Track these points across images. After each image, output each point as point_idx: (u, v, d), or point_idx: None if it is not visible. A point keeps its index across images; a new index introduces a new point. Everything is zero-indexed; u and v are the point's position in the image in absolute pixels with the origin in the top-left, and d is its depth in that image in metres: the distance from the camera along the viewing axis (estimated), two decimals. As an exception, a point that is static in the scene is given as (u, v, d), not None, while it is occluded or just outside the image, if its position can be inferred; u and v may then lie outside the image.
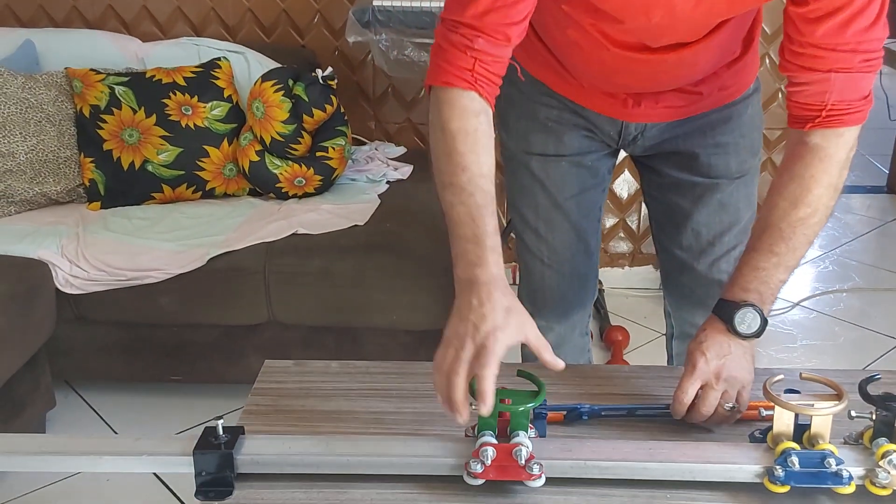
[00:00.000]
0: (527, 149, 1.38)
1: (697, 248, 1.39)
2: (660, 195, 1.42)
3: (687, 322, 1.49)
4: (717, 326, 1.07)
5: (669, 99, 1.28)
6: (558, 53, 1.28)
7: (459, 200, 1.07)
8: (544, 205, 1.40)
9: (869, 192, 3.79)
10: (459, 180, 1.07)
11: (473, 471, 0.87)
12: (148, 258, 1.96)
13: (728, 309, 1.06)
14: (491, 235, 1.06)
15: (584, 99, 1.31)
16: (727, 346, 1.05)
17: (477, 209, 1.06)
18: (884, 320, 2.65)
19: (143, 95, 2.22)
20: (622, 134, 1.34)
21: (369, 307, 1.95)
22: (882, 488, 0.85)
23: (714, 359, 1.04)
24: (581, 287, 1.49)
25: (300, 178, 2.22)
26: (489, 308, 0.99)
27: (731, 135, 1.34)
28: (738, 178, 1.36)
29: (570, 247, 1.44)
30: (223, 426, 0.93)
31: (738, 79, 1.31)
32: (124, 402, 2.23)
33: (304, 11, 2.59)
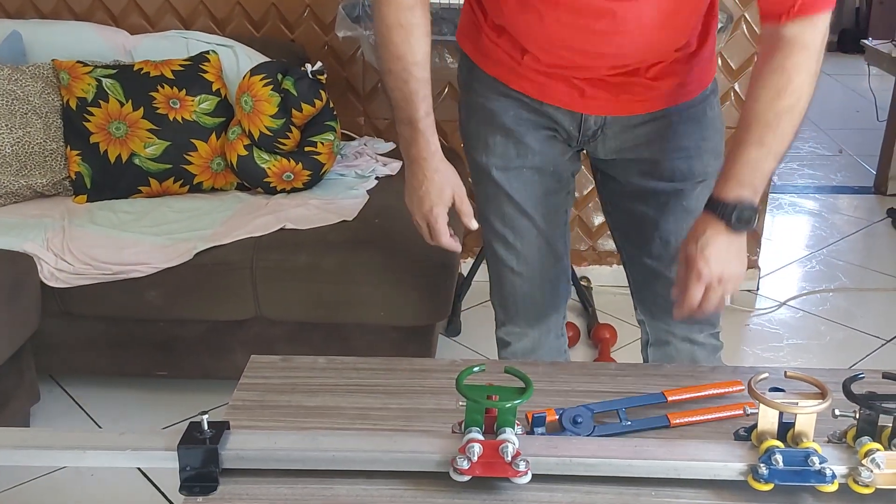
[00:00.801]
0: (489, 157, 1.38)
1: (667, 256, 1.38)
2: (623, 204, 1.41)
3: (663, 329, 1.47)
4: (716, 226, 1.15)
5: (626, 89, 1.27)
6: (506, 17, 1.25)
7: (396, 86, 1.24)
8: (510, 214, 1.40)
9: (856, 192, 3.81)
10: (395, 67, 1.22)
11: (460, 467, 0.87)
12: (134, 252, 1.95)
13: (727, 207, 1.14)
14: (423, 118, 1.24)
15: (540, 92, 1.30)
16: (726, 244, 1.14)
17: (410, 94, 1.23)
18: (870, 320, 2.66)
19: (130, 88, 2.21)
20: (581, 129, 1.33)
21: (357, 303, 1.95)
22: (865, 487, 0.86)
23: (716, 263, 1.14)
24: (552, 291, 1.48)
25: (288, 172, 2.21)
26: (426, 188, 1.27)
27: (692, 138, 1.33)
28: (702, 182, 1.34)
29: (538, 253, 1.43)
30: (208, 421, 0.93)
31: (695, 75, 1.31)
32: (109, 397, 2.22)
33: (294, 6, 2.58)
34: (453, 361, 1.21)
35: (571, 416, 1.01)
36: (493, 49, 1.31)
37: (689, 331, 1.45)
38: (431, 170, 1.27)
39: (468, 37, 1.36)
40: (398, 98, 1.25)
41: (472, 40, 1.35)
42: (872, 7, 6.17)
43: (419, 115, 1.24)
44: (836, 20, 6.55)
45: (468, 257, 2.83)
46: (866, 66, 4.35)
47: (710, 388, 1.09)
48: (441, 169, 1.28)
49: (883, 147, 3.75)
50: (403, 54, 1.21)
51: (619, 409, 1.03)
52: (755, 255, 2.87)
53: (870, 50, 4.26)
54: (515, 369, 0.93)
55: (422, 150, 1.26)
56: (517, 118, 1.34)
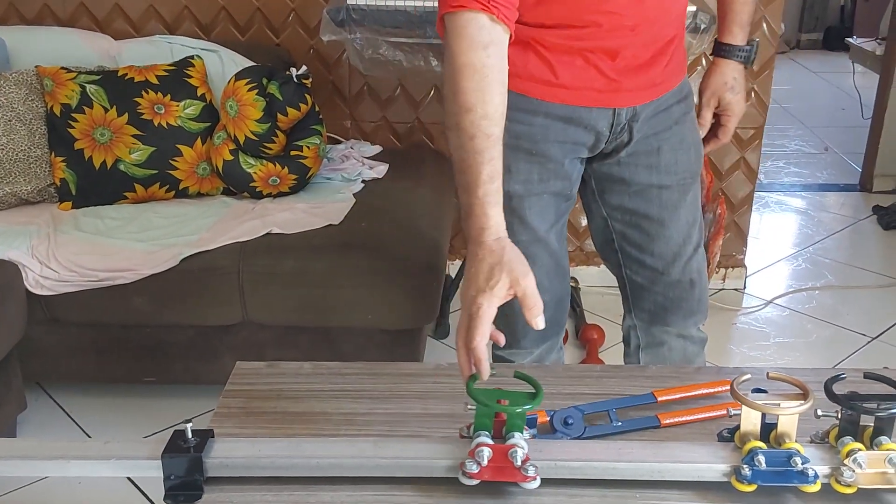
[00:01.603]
0: (508, 183, 1.22)
1: (669, 254, 1.41)
2: (626, 206, 1.39)
3: (660, 330, 1.48)
4: (739, 68, 1.43)
5: (651, 72, 1.30)
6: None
7: (460, 144, 1.04)
8: (524, 241, 1.32)
9: (842, 190, 3.83)
10: (462, 122, 1.03)
11: (469, 471, 0.87)
12: (120, 258, 1.94)
13: (744, 50, 1.42)
14: (484, 184, 1.02)
15: (576, 97, 1.27)
16: (743, 80, 1.45)
17: (474, 155, 1.03)
18: (855, 318, 2.68)
19: (114, 94, 2.20)
20: (613, 127, 1.31)
21: (344, 307, 1.95)
22: (847, 486, 0.86)
23: (743, 98, 1.45)
24: (558, 309, 1.47)
25: (274, 177, 2.21)
26: (475, 270, 1.00)
27: (689, 129, 1.40)
28: (697, 175, 1.42)
29: (548, 277, 1.39)
30: (192, 429, 0.93)
31: (683, 52, 1.37)
32: (97, 405, 2.21)
33: (279, 10, 2.57)
34: (438, 365, 1.20)
35: (562, 417, 1.01)
36: (521, 67, 1.23)
37: (684, 326, 1.47)
38: (485, 249, 1.01)
39: None
40: (460, 158, 1.04)
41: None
42: (857, 5, 6.20)
43: (480, 178, 1.02)
44: (821, 19, 6.59)
45: (456, 258, 2.84)
46: (851, 64, 4.39)
47: (700, 388, 1.10)
48: (496, 249, 1.01)
49: (868, 144, 3.77)
50: (473, 106, 1.03)
51: (609, 410, 1.04)
52: (741, 255, 2.88)
53: (854, 48, 4.29)
54: (525, 374, 0.94)
55: (476, 222, 1.02)
56: (545, 136, 1.29)
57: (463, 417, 1.05)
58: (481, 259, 1.01)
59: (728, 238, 2.82)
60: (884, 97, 3.63)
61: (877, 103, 3.69)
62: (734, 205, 2.79)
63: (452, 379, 1.15)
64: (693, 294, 1.45)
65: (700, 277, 1.45)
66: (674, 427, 1.04)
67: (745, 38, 1.42)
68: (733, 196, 2.78)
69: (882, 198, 3.63)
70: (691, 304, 1.46)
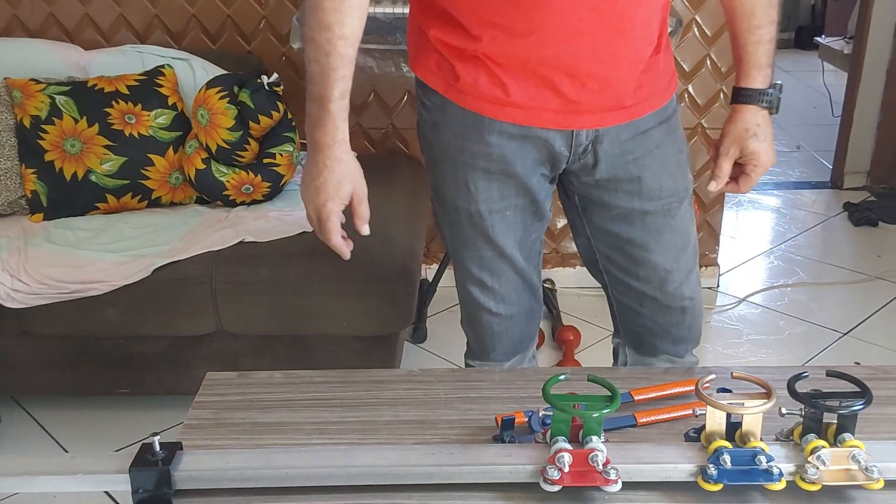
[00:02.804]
0: (469, 203, 1.30)
1: (656, 278, 1.35)
2: (608, 229, 1.35)
3: (648, 352, 1.44)
4: (763, 114, 1.28)
5: (616, 89, 1.22)
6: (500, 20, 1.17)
7: (315, 58, 1.13)
8: (489, 256, 1.34)
9: (814, 187, 3.87)
10: (319, 38, 1.12)
11: (550, 477, 0.87)
12: (91, 270, 1.93)
13: (766, 94, 1.27)
14: (336, 99, 1.13)
15: (530, 116, 1.23)
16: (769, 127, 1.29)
17: (329, 69, 1.12)
18: (827, 314, 2.71)
19: (84, 105, 2.19)
20: (573, 148, 1.25)
21: (319, 314, 1.95)
22: (811, 484, 0.87)
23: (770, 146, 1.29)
24: (529, 322, 1.45)
25: (247, 185, 2.20)
26: (324, 178, 1.16)
27: (672, 151, 1.31)
28: (685, 198, 1.34)
29: (515, 292, 1.39)
30: (160, 442, 0.92)
31: (665, 74, 1.29)
32: (71, 417, 2.19)
33: (250, 17, 2.57)
34: (410, 372, 1.21)
35: (540, 417, 1.01)
36: (471, 85, 1.21)
37: (674, 351, 1.43)
38: (334, 159, 1.16)
39: (437, 74, 1.25)
40: (314, 72, 1.13)
41: (442, 77, 1.24)
42: (827, 5, 6.27)
43: (333, 94, 1.13)
44: (793, 18, 6.66)
45: (433, 263, 2.84)
46: (821, 63, 4.44)
47: (676, 387, 1.11)
48: (344, 160, 1.17)
49: (838, 142, 3.82)
50: (331, 25, 1.11)
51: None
52: (714, 253, 2.91)
53: (823, 47, 4.35)
54: (600, 378, 0.93)
55: (327, 134, 1.15)
56: (501, 155, 1.25)
57: (435, 423, 1.06)
58: (330, 169, 1.16)
59: (701, 237, 2.84)
60: (853, 95, 3.68)
61: (846, 102, 3.73)
62: (706, 204, 2.82)
63: (424, 385, 1.16)
64: (684, 321, 1.39)
65: (693, 304, 1.38)
66: (649, 426, 1.05)
67: (767, 82, 1.27)
68: (705, 196, 2.81)
69: (852, 194, 3.67)
70: (681, 330, 1.40)
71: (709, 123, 2.70)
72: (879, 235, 3.34)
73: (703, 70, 2.63)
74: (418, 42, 1.28)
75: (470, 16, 1.17)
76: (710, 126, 2.71)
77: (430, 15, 1.22)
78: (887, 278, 2.93)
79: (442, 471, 0.91)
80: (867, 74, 3.60)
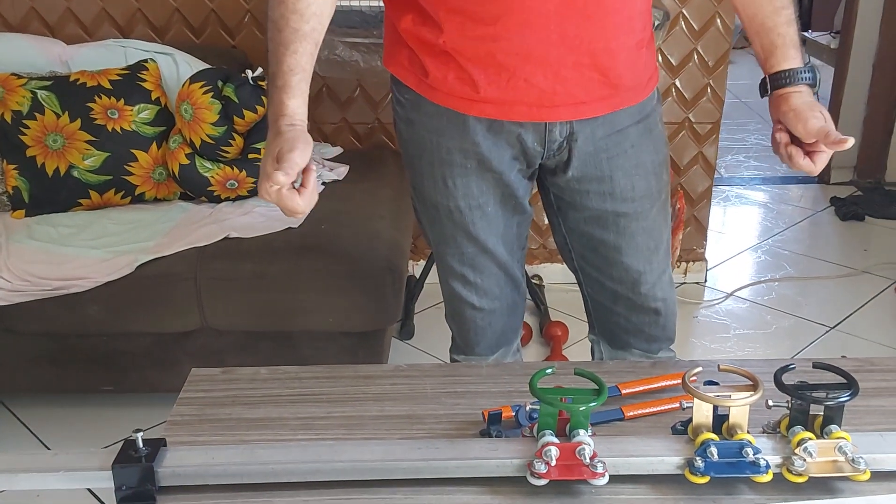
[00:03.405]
0: (448, 198, 1.29)
1: (629, 280, 1.35)
2: (581, 229, 1.35)
3: (621, 348, 1.44)
4: (809, 92, 1.19)
5: (589, 81, 1.19)
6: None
7: (271, 36, 1.12)
8: (470, 252, 1.34)
9: (801, 182, 3.88)
10: (274, 14, 1.12)
11: (537, 471, 0.87)
12: (74, 267, 1.91)
13: (806, 72, 1.20)
14: (284, 74, 1.10)
15: (503, 111, 1.21)
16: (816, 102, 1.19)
17: (279, 45, 1.10)
18: (814, 308, 2.72)
19: (66, 99, 2.16)
20: (546, 143, 1.24)
21: (305, 310, 1.94)
22: (798, 475, 0.87)
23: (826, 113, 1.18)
24: (512, 316, 1.45)
25: (232, 180, 2.18)
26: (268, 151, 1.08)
27: (648, 152, 1.30)
28: (659, 200, 1.33)
29: (498, 286, 1.38)
30: (143, 439, 0.91)
31: (646, 70, 1.27)
32: (55, 415, 2.17)
33: (234, 11, 2.55)
34: (397, 367, 1.20)
35: (528, 412, 1.01)
36: (441, 81, 1.20)
37: (648, 349, 1.43)
38: (275, 132, 1.08)
39: (409, 70, 1.24)
40: (270, 49, 1.11)
41: (413, 73, 1.23)
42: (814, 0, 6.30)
43: (282, 68, 1.09)
44: (779, 13, 6.67)
45: (420, 259, 2.83)
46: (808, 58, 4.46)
47: (663, 380, 1.11)
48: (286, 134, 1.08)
49: (824, 137, 3.83)
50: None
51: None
52: (702, 248, 2.91)
53: (809, 42, 4.37)
54: (587, 371, 0.93)
55: (273, 110, 1.10)
56: (476, 150, 1.24)
57: (422, 418, 1.06)
58: (272, 141, 1.09)
59: (688, 232, 2.85)
60: (839, 90, 3.69)
61: (832, 96, 3.75)
62: (693, 199, 2.82)
63: (411, 380, 1.15)
64: (657, 321, 1.40)
65: (665, 305, 1.39)
66: (637, 419, 1.04)
67: (802, 59, 1.22)
68: (692, 191, 2.81)
69: (839, 189, 3.69)
70: (655, 330, 1.41)
71: (696, 118, 2.70)
72: (866, 230, 3.35)
73: (691, 64, 2.63)
74: (391, 38, 1.27)
75: (433, 3, 1.16)
76: (697, 120, 2.71)
77: (399, 8, 1.22)
78: (874, 272, 2.94)
79: (429, 465, 0.91)
80: (853, 69, 3.61)
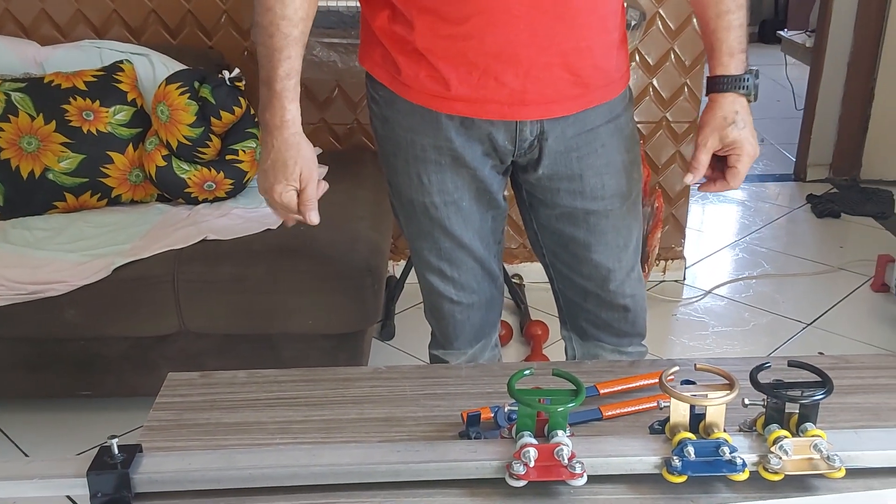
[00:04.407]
0: (423, 195, 1.30)
1: (598, 276, 1.37)
2: (552, 226, 1.36)
3: (593, 344, 1.46)
4: (742, 101, 1.21)
5: (560, 80, 1.20)
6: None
7: (261, 41, 1.14)
8: (447, 247, 1.35)
9: (777, 180, 3.92)
10: (263, 20, 1.13)
11: (516, 472, 0.86)
12: (50, 271, 1.89)
13: (744, 80, 1.21)
14: (281, 79, 1.14)
15: (473, 109, 1.21)
16: (749, 115, 1.21)
17: (273, 50, 1.13)
18: (791, 305, 2.74)
19: (41, 101, 2.14)
20: (517, 141, 1.25)
21: (284, 312, 1.93)
22: (774, 474, 0.88)
23: (755, 137, 1.21)
24: (490, 309, 1.46)
25: (210, 182, 2.17)
26: (271, 161, 1.16)
27: (620, 151, 1.30)
28: (629, 199, 1.34)
29: (475, 280, 1.39)
30: (119, 445, 0.90)
31: (617, 69, 1.27)
32: (33, 421, 2.15)
33: (211, 12, 2.53)
34: (376, 369, 1.19)
35: (506, 413, 1.01)
36: (413, 79, 1.21)
37: (619, 344, 1.45)
38: (281, 140, 1.15)
39: (382, 67, 1.25)
40: (261, 54, 1.15)
41: (387, 70, 1.24)
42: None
43: (278, 73, 1.13)
44: (757, 12, 6.74)
45: (401, 259, 2.83)
46: (784, 57, 4.49)
47: (641, 380, 1.11)
48: (292, 142, 1.16)
49: (800, 135, 3.87)
50: (273, 6, 1.12)
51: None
52: (680, 246, 2.93)
53: (785, 41, 4.41)
54: (565, 372, 0.93)
55: (275, 115, 1.15)
56: (450, 146, 1.25)
57: (401, 420, 1.05)
58: (278, 150, 1.16)
59: (667, 230, 2.86)
60: (814, 89, 3.73)
61: (808, 95, 3.78)
62: (671, 198, 2.84)
63: (390, 382, 1.15)
64: (626, 317, 1.41)
65: (634, 301, 1.40)
66: (615, 419, 1.04)
67: (742, 68, 1.22)
68: (671, 189, 2.83)
69: (815, 186, 3.73)
70: (625, 326, 1.42)
71: (673, 117, 2.72)
72: (841, 227, 3.39)
73: (668, 63, 2.65)
74: (366, 36, 1.28)
75: (405, 1, 1.16)
76: (675, 119, 2.72)
77: (373, 6, 1.22)
78: (849, 269, 2.98)
79: (408, 468, 0.90)
80: (828, 68, 3.65)
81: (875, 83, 3.60)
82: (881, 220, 3.40)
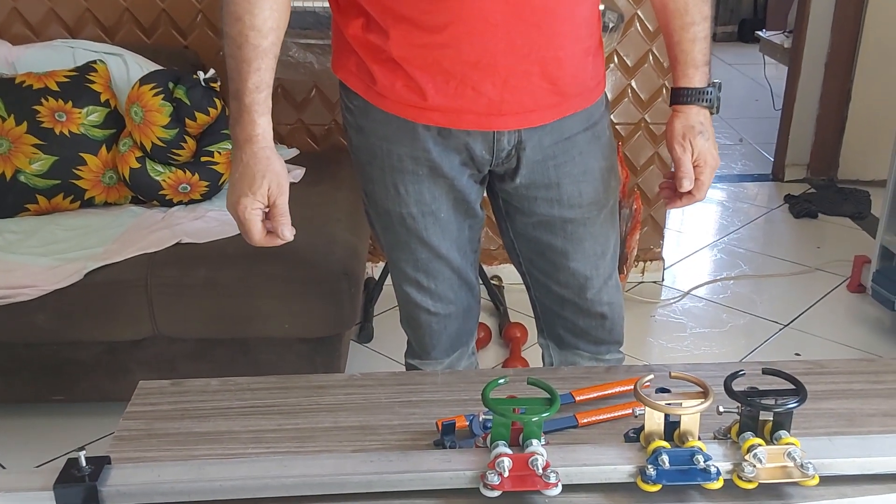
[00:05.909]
0: (400, 205, 1.28)
1: (576, 284, 1.36)
2: (528, 234, 1.35)
3: (571, 352, 1.45)
4: (705, 113, 1.24)
5: (538, 89, 1.19)
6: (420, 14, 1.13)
7: (230, 53, 1.12)
8: (424, 258, 1.33)
9: (756, 180, 3.94)
10: (231, 31, 1.11)
11: (490, 482, 0.85)
12: (20, 275, 1.86)
13: (706, 93, 1.24)
14: (250, 92, 1.11)
15: (450, 119, 1.20)
16: (711, 125, 1.24)
17: (241, 62, 1.10)
18: (768, 306, 2.76)
19: (12, 102, 2.11)
20: (495, 151, 1.24)
21: (260, 317, 1.91)
22: (748, 482, 0.88)
23: (715, 148, 1.24)
24: (467, 319, 1.45)
25: (185, 184, 2.14)
26: (239, 175, 1.13)
27: (597, 158, 1.30)
28: (606, 206, 1.33)
29: (452, 290, 1.38)
30: (86, 456, 0.89)
31: (594, 77, 1.27)
32: (5, 427, 2.12)
33: (186, 11, 2.51)
34: (351, 376, 1.18)
35: (481, 422, 1.00)
36: (389, 89, 1.19)
37: (596, 352, 1.44)
38: (250, 154, 1.12)
39: (357, 76, 1.23)
40: (230, 66, 1.12)
41: (361, 80, 1.22)
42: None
43: (247, 86, 1.10)
44: (736, 11, 6.78)
45: (379, 261, 2.81)
46: (762, 57, 4.52)
47: (617, 386, 1.11)
48: (261, 156, 1.12)
49: (779, 135, 3.89)
50: (241, 16, 1.09)
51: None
52: (659, 247, 2.93)
53: (764, 41, 4.42)
54: (540, 381, 0.92)
55: (244, 130, 1.12)
56: (427, 157, 1.23)
57: (376, 429, 1.04)
58: (246, 164, 1.12)
59: (645, 232, 2.87)
60: (792, 89, 3.75)
61: (786, 95, 3.81)
62: (650, 199, 2.84)
63: (365, 390, 1.13)
64: (604, 325, 1.41)
65: (612, 309, 1.40)
66: (590, 426, 1.04)
67: (705, 80, 1.24)
68: (649, 191, 2.83)
69: (793, 187, 3.75)
70: (602, 333, 1.42)
71: (652, 118, 2.72)
72: (819, 227, 3.41)
73: (646, 65, 2.65)
74: (339, 44, 1.26)
75: (380, 9, 1.15)
76: (654, 121, 2.73)
77: (346, 14, 1.20)
78: (826, 269, 2.99)
79: (381, 479, 0.89)
80: (806, 68, 3.67)
81: (852, 84, 3.63)
82: (858, 221, 3.42)
